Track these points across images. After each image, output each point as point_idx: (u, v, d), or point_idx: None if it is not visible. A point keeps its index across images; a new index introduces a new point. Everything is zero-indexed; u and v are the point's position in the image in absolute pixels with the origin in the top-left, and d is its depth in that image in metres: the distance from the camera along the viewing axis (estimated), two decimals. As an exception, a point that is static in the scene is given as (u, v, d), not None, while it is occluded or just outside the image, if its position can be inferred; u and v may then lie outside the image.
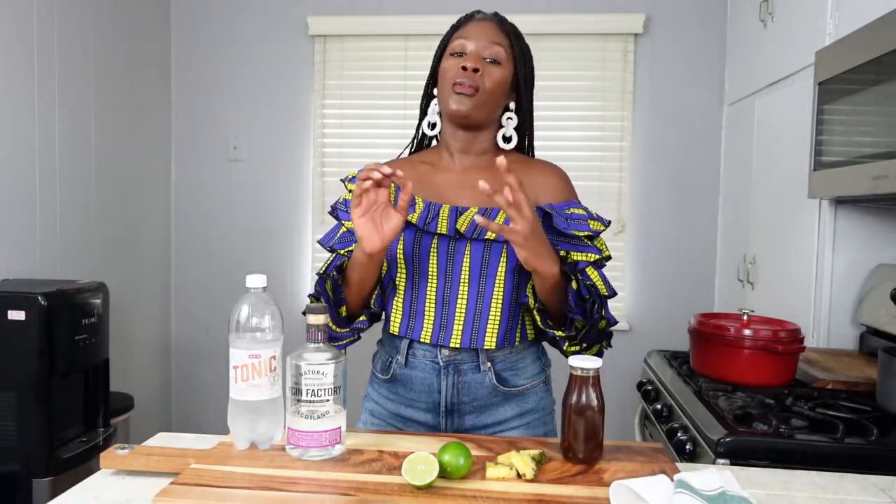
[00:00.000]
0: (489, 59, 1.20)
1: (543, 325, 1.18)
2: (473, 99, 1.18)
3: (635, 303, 3.00)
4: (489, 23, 1.23)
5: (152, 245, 3.07)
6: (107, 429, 2.18)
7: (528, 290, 1.18)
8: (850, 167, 1.56)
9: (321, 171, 3.09)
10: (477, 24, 1.23)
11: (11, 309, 1.88)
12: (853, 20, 1.65)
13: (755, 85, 2.43)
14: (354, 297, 1.21)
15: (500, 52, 1.20)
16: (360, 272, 1.16)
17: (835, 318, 1.90)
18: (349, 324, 1.22)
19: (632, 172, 2.96)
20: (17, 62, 2.20)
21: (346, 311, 1.22)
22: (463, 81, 1.17)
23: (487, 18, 1.24)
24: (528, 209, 1.02)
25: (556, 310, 1.17)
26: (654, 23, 2.93)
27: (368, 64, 3.04)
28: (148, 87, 2.99)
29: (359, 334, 1.23)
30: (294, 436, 0.96)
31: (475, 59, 1.19)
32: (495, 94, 1.21)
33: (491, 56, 1.20)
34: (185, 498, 0.84)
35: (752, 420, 1.36)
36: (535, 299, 1.18)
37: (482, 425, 1.22)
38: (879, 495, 0.93)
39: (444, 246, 1.18)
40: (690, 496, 0.76)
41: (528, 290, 1.18)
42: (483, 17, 1.24)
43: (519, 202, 1.00)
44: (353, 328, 1.22)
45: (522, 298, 1.19)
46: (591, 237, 1.19)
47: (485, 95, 1.19)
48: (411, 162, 1.30)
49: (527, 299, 1.18)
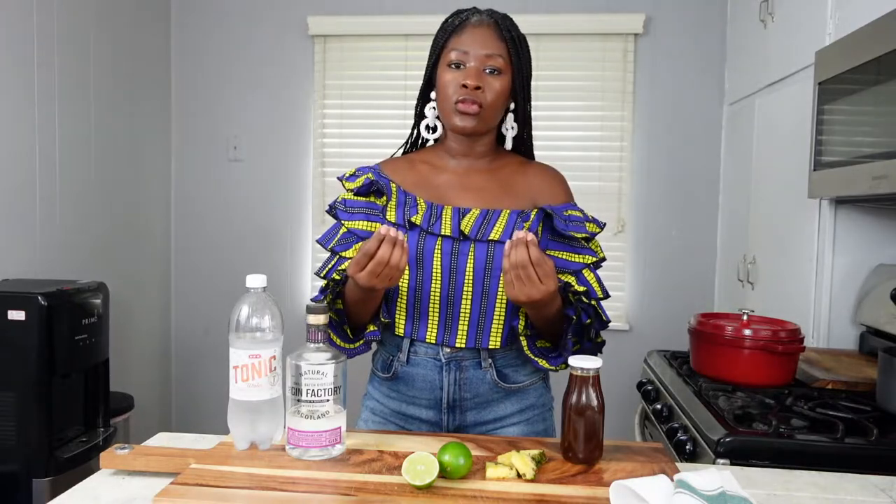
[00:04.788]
0: (489, 71, 1.18)
1: (531, 350, 1.16)
2: (478, 116, 1.18)
3: (635, 303, 3.00)
4: (487, 29, 1.19)
5: (152, 245, 3.07)
6: (107, 429, 2.18)
7: (521, 313, 1.18)
8: (849, 167, 1.56)
9: (321, 171, 3.09)
10: (474, 30, 1.19)
11: (11, 309, 1.87)
12: (853, 20, 1.65)
13: (755, 85, 2.43)
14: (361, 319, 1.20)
15: (500, 62, 1.18)
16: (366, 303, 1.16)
17: (835, 318, 1.90)
18: (357, 338, 1.21)
19: (632, 172, 2.96)
20: (17, 62, 2.20)
21: (351, 332, 1.22)
22: (466, 99, 1.16)
23: (484, 23, 1.19)
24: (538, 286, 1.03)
25: (550, 334, 1.18)
26: (654, 23, 2.92)
27: (368, 64, 3.05)
28: (148, 88, 2.99)
29: (371, 344, 1.22)
30: (294, 436, 0.96)
31: (476, 75, 1.16)
32: (497, 106, 1.20)
33: (491, 67, 1.18)
34: (185, 498, 0.84)
35: (752, 420, 1.36)
36: (525, 323, 1.17)
37: (483, 421, 1.23)
38: (879, 495, 0.93)
39: (448, 247, 1.18)
40: (690, 496, 0.76)
41: (521, 313, 1.18)
42: (479, 22, 1.19)
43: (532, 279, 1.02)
44: (367, 341, 1.20)
45: (513, 322, 1.18)
46: (588, 239, 1.20)
47: (488, 110, 1.18)
48: (410, 161, 1.29)
49: (517, 322, 1.17)
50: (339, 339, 1.20)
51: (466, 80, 1.16)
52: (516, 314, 1.19)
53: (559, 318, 1.14)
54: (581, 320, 1.13)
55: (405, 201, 1.21)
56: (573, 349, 1.14)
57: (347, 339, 1.21)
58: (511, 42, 1.20)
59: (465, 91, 1.16)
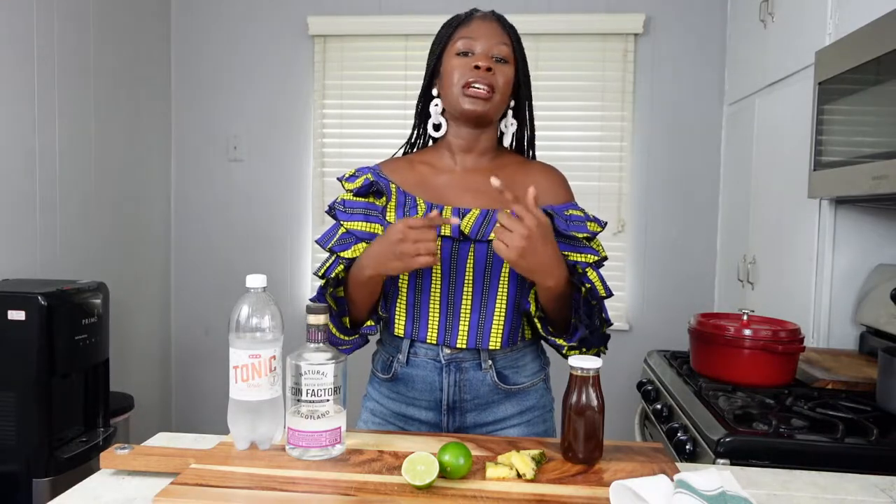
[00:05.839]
0: (497, 59, 1.20)
1: (545, 331, 1.19)
2: (489, 100, 1.18)
3: (635, 303, 3.00)
4: (493, 22, 1.23)
5: (152, 245, 3.07)
6: (107, 429, 2.18)
7: (531, 297, 1.18)
8: (849, 167, 1.56)
9: (321, 171, 3.09)
10: (481, 22, 1.22)
11: (11, 309, 1.87)
12: (853, 20, 1.65)
13: (755, 85, 2.43)
14: (360, 310, 1.21)
15: (507, 52, 1.21)
16: (369, 289, 1.16)
17: (835, 318, 1.90)
18: (355, 331, 1.22)
19: (632, 172, 2.96)
20: (17, 63, 2.20)
21: (349, 323, 1.22)
22: (478, 81, 1.17)
23: (489, 17, 1.24)
24: (533, 217, 1.02)
25: (559, 318, 1.18)
26: (654, 23, 2.92)
27: (368, 64, 3.04)
28: (148, 88, 2.99)
29: (367, 338, 1.24)
30: (294, 436, 0.96)
31: (487, 58, 1.18)
32: (505, 94, 1.21)
33: (499, 55, 1.20)
34: (185, 498, 0.84)
35: (752, 420, 1.36)
36: (536, 307, 1.18)
37: (483, 423, 1.23)
38: (879, 495, 0.93)
39: (448, 247, 1.18)
40: (690, 496, 0.76)
41: (531, 296, 1.18)
42: (485, 16, 1.24)
43: (522, 214, 1.01)
44: (362, 334, 1.22)
45: (524, 306, 1.19)
46: (589, 238, 1.19)
47: (499, 94, 1.19)
48: (410, 162, 1.29)
49: (528, 306, 1.18)
50: (336, 330, 1.20)
51: (478, 62, 1.17)
52: (517, 314, 1.19)
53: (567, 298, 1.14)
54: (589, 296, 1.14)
55: (405, 202, 1.21)
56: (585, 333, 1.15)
57: (345, 331, 1.21)
58: (514, 37, 1.23)
59: (477, 73, 1.17)
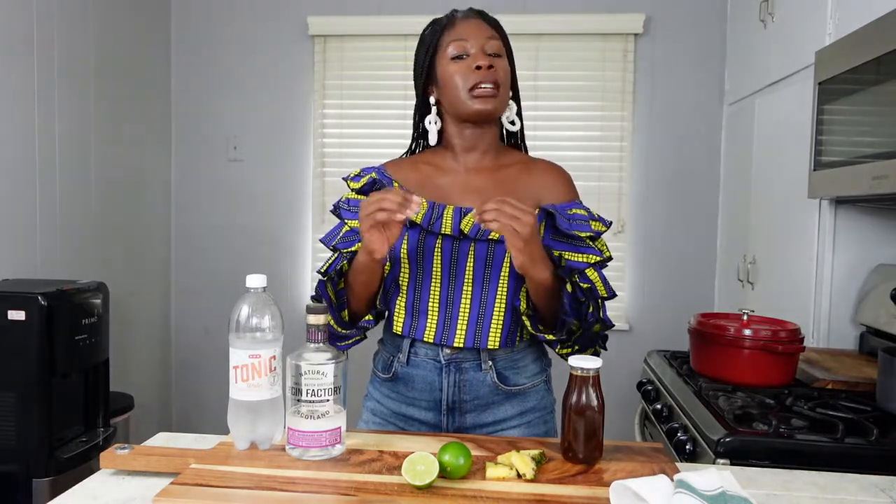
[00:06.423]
0: (492, 54, 1.19)
1: (534, 329, 1.18)
2: (496, 97, 1.18)
3: (635, 303, 3.00)
4: (477, 19, 1.22)
5: (152, 245, 3.07)
6: (107, 429, 2.18)
7: (521, 295, 1.18)
8: (849, 167, 1.56)
9: (321, 171, 3.09)
10: (467, 22, 1.21)
11: (11, 309, 1.87)
12: (853, 20, 1.65)
13: (755, 85, 2.43)
14: (358, 300, 1.21)
15: (499, 45, 1.21)
16: (365, 276, 1.16)
17: (835, 318, 1.90)
18: (354, 325, 1.22)
19: (632, 172, 2.96)
20: (17, 63, 2.20)
21: (348, 315, 1.22)
22: (484, 81, 1.16)
23: (472, 15, 1.23)
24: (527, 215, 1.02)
25: (549, 314, 1.17)
26: (654, 23, 2.92)
27: (368, 64, 3.05)
28: (148, 88, 2.99)
29: (365, 333, 1.23)
30: (294, 436, 0.96)
31: (484, 56, 1.18)
32: (508, 87, 1.22)
33: (493, 50, 1.20)
34: (185, 498, 0.84)
35: (752, 420, 1.35)
36: (526, 304, 1.18)
37: (483, 423, 1.22)
38: (879, 495, 0.93)
39: (448, 246, 1.18)
40: (690, 496, 0.76)
41: (522, 294, 1.18)
42: (467, 15, 1.23)
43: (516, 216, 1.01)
44: (360, 327, 1.22)
45: (514, 303, 1.19)
46: (593, 238, 1.19)
47: (503, 88, 1.19)
48: (413, 163, 1.29)
49: (518, 303, 1.18)
50: (334, 322, 1.20)
51: (477, 62, 1.17)
52: (516, 314, 1.19)
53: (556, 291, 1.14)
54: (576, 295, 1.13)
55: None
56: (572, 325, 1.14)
57: (343, 324, 1.21)
58: (500, 30, 1.23)
59: (480, 73, 1.16)
